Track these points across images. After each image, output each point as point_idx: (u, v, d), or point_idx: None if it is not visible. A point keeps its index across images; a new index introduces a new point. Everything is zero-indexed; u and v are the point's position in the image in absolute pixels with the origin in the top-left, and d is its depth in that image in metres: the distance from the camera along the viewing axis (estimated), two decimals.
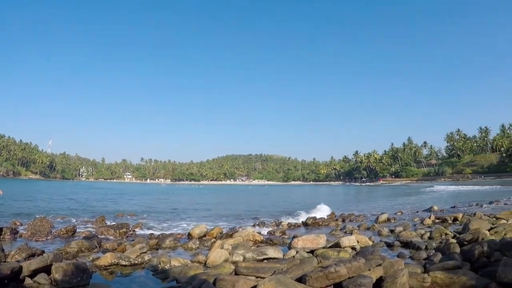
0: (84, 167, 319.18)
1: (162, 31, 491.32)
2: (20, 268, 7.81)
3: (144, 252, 10.98)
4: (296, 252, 10.70)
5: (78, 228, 17.05)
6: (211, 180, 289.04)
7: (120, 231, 15.81)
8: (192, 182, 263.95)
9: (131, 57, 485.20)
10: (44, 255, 8.64)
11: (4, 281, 7.32)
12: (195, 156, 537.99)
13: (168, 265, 9.64)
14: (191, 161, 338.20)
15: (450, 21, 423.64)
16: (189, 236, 15.57)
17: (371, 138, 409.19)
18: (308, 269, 7.70)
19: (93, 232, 16.09)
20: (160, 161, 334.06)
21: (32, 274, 7.96)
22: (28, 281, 7.73)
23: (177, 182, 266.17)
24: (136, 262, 10.14)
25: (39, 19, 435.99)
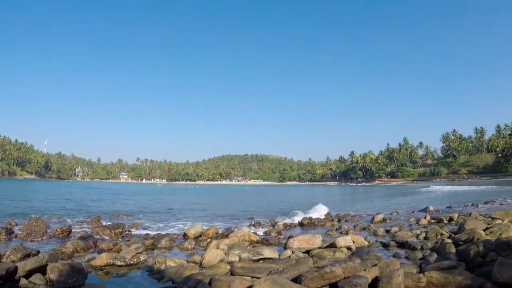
0: (80, 167, 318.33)
1: (162, 31, 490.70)
2: (15, 269, 7.78)
3: (140, 252, 10.94)
4: (292, 252, 10.70)
5: (74, 228, 16.98)
6: (207, 180, 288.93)
7: (116, 231, 15.76)
8: (188, 182, 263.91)
9: (131, 57, 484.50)
10: (40, 255, 8.61)
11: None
12: (191, 156, 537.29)
13: (164, 266, 9.62)
14: (187, 161, 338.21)
15: (450, 21, 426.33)
16: (185, 236, 15.55)
17: (367, 139, 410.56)
18: (304, 269, 7.71)
19: (89, 232, 16.03)
20: (156, 161, 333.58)
21: (28, 275, 7.93)
22: (24, 282, 7.70)
23: (173, 182, 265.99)
24: (132, 263, 10.11)
25: (39, 19, 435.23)
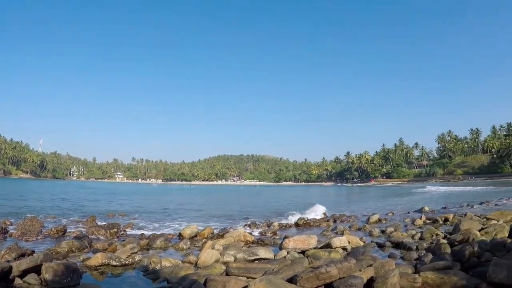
0: (75, 167, 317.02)
1: (162, 31, 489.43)
2: (10, 268, 7.75)
3: (135, 253, 10.93)
4: (287, 253, 10.70)
5: (69, 228, 16.96)
6: (203, 181, 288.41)
7: (111, 231, 15.74)
8: (184, 182, 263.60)
9: (131, 57, 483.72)
10: (34, 255, 8.58)
11: None
12: (187, 156, 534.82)
13: (159, 266, 9.61)
14: (183, 161, 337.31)
15: (450, 21, 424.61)
16: (180, 237, 15.55)
17: (363, 139, 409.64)
18: (299, 270, 7.71)
19: (84, 232, 15.99)
20: (152, 161, 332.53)
21: (22, 274, 7.91)
22: (18, 281, 7.68)
23: (169, 182, 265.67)
24: (127, 263, 10.09)
25: (39, 19, 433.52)
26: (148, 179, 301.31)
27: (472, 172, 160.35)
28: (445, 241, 11.12)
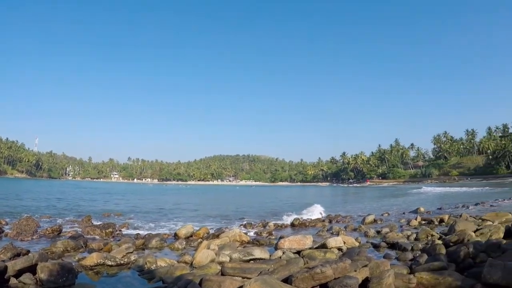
0: (71, 166, 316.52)
1: (162, 31, 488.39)
2: (5, 268, 7.72)
3: (130, 252, 10.91)
4: (283, 253, 10.69)
5: (64, 228, 16.89)
6: (198, 180, 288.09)
7: (106, 231, 15.70)
8: (179, 182, 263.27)
9: (131, 57, 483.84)
10: (30, 255, 8.55)
11: None
12: (183, 156, 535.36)
13: (154, 265, 9.59)
14: (179, 161, 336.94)
15: (450, 21, 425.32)
16: (176, 236, 15.52)
17: (359, 140, 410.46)
18: (294, 270, 7.71)
19: (79, 232, 15.95)
20: (147, 161, 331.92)
21: (17, 274, 7.88)
22: (13, 281, 7.65)
23: (164, 182, 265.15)
24: (122, 262, 10.07)
25: (39, 19, 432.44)
26: (144, 179, 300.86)
27: (468, 173, 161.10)
28: (440, 242, 11.16)
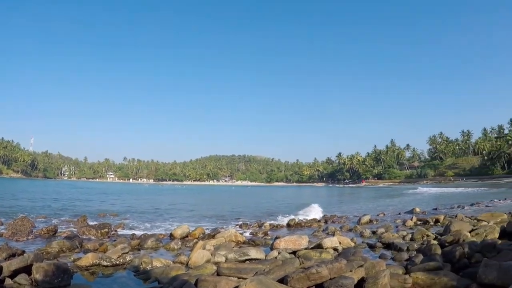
0: (67, 166, 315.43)
1: (162, 31, 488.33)
2: (0, 269, 7.72)
3: (126, 253, 10.88)
4: (278, 253, 10.68)
5: (60, 228, 16.86)
6: (194, 181, 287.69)
7: (102, 231, 15.67)
8: (175, 182, 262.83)
9: (131, 57, 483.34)
10: (25, 255, 8.53)
11: None
12: (178, 156, 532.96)
13: (150, 266, 9.57)
14: (174, 161, 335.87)
15: (450, 21, 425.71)
16: (171, 237, 15.49)
17: (354, 140, 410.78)
18: (290, 270, 7.72)
19: (75, 232, 15.91)
20: (143, 161, 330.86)
21: (13, 275, 7.86)
22: (9, 282, 7.63)
23: (160, 182, 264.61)
24: (118, 263, 10.05)
25: (39, 19, 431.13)
26: (140, 179, 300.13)
27: (463, 174, 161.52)
28: (436, 242, 11.19)
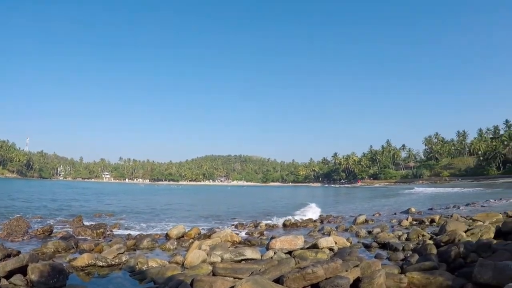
0: (62, 166, 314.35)
1: (162, 31, 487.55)
2: None
3: (122, 253, 10.85)
4: (274, 253, 10.70)
5: (55, 228, 16.79)
6: (190, 181, 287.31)
7: (98, 232, 15.63)
8: (171, 182, 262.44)
9: (131, 57, 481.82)
10: (20, 256, 8.49)
11: None
12: (174, 156, 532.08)
13: (146, 266, 9.56)
14: (170, 161, 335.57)
15: (450, 21, 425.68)
16: (167, 237, 15.48)
17: (350, 140, 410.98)
18: (286, 270, 7.73)
19: (70, 232, 15.85)
20: (139, 161, 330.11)
21: (8, 275, 7.84)
22: (4, 282, 7.61)
23: (156, 182, 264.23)
24: (113, 263, 10.03)
25: (39, 19, 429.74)
26: (135, 179, 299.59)
27: (459, 174, 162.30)
28: (431, 242, 11.22)
